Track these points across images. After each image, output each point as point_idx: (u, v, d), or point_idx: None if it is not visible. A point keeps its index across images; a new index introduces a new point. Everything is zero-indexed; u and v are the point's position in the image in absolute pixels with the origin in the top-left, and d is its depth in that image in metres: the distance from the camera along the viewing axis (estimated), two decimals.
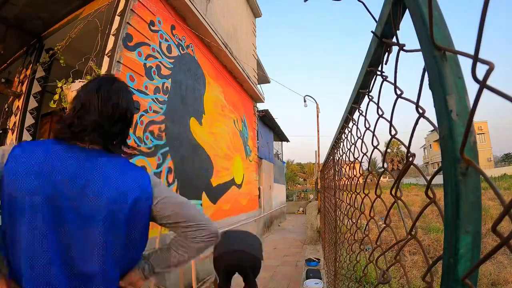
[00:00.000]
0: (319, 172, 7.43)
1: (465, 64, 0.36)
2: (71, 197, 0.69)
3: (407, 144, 0.50)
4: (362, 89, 0.84)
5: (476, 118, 0.33)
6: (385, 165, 0.67)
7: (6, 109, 3.89)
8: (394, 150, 35.92)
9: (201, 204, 3.74)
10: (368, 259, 0.83)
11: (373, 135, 0.75)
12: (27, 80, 3.67)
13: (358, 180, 1.17)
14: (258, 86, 7.98)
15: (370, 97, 0.78)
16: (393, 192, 0.59)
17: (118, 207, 0.72)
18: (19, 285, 0.65)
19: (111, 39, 2.65)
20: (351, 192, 1.29)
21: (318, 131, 9.80)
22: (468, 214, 0.30)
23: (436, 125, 0.35)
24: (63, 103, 2.25)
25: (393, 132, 0.59)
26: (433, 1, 0.35)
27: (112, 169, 0.76)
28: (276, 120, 9.53)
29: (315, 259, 4.22)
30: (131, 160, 0.82)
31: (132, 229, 0.76)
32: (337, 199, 2.10)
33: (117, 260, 0.74)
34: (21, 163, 0.67)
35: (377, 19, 0.61)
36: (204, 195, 4.09)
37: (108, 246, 0.71)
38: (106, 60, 2.60)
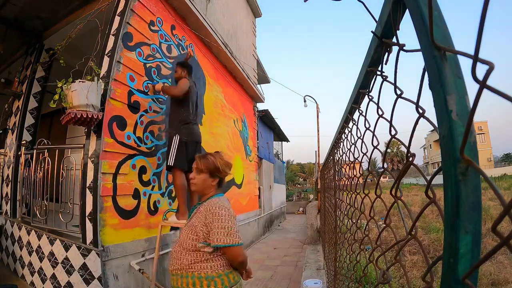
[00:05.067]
0: (319, 172, 7.43)
1: (465, 64, 0.36)
2: None
3: (407, 144, 0.50)
4: (362, 89, 0.84)
5: (476, 118, 0.33)
6: (385, 165, 0.67)
7: (6, 109, 3.89)
8: (394, 150, 35.91)
9: None
10: (368, 259, 0.83)
11: (373, 135, 0.75)
12: (27, 80, 3.67)
13: (358, 180, 1.17)
14: (258, 86, 7.98)
15: (370, 97, 0.78)
16: (393, 192, 0.59)
17: None
18: None
19: (111, 39, 2.65)
20: (351, 192, 1.29)
21: (318, 131, 9.80)
22: (468, 214, 0.30)
23: (436, 125, 0.35)
24: (63, 103, 2.25)
25: (393, 132, 0.59)
26: (433, 1, 0.35)
27: None
28: (276, 120, 9.52)
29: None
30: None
31: None
32: (337, 199, 2.10)
33: None
34: None
35: (377, 19, 0.61)
36: None
37: None
38: (106, 60, 2.60)
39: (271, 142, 10.13)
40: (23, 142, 3.40)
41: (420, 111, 0.44)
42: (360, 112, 0.92)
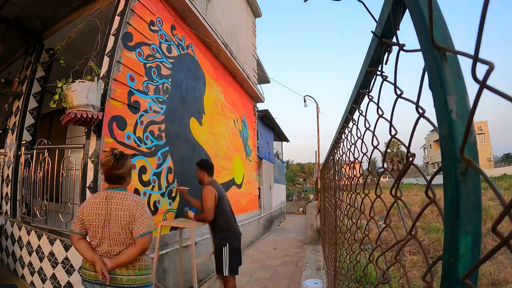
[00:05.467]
0: (319, 172, 7.43)
1: (465, 64, 0.37)
2: None
3: (407, 144, 0.50)
4: (362, 89, 0.84)
5: (476, 118, 0.33)
6: (385, 165, 0.67)
7: (6, 109, 3.89)
8: (394, 150, 35.91)
9: None
10: (368, 259, 0.83)
11: (373, 135, 0.75)
12: (27, 80, 3.67)
13: (358, 180, 1.17)
14: (258, 86, 7.98)
15: (370, 97, 0.78)
16: (393, 192, 0.59)
17: None
18: None
19: (111, 39, 2.65)
20: (351, 192, 1.29)
21: (318, 131, 9.80)
22: (468, 214, 0.30)
23: (436, 125, 0.35)
24: (63, 103, 2.25)
25: (393, 132, 0.59)
26: (433, 1, 0.35)
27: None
28: (276, 120, 9.52)
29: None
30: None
31: None
32: (337, 199, 2.10)
33: None
34: None
35: (377, 19, 0.61)
36: None
37: None
38: (106, 60, 2.60)
39: (271, 142, 10.13)
40: (23, 142, 3.40)
41: (420, 111, 0.44)
42: (360, 112, 0.92)
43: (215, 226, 2.63)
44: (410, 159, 0.49)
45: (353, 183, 1.26)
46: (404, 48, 0.49)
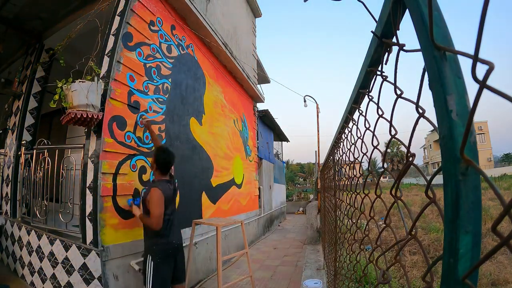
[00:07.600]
0: (319, 172, 7.43)
1: (465, 64, 0.36)
2: None
3: (407, 144, 0.50)
4: (362, 89, 0.84)
5: (476, 118, 0.33)
6: (385, 165, 0.67)
7: (6, 109, 3.89)
8: (394, 150, 35.91)
9: None
10: (368, 259, 0.83)
11: (373, 135, 0.75)
12: (27, 80, 3.67)
13: (358, 180, 1.17)
14: (258, 86, 7.97)
15: (370, 97, 0.78)
16: (393, 192, 0.59)
17: None
18: None
19: (111, 39, 2.64)
20: (351, 192, 1.29)
21: (318, 131, 9.80)
22: (468, 214, 0.30)
23: (436, 125, 0.35)
24: (63, 103, 2.25)
25: (393, 132, 0.59)
26: (433, 1, 0.35)
27: None
28: (276, 120, 9.52)
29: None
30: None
31: None
32: (337, 199, 2.10)
33: None
34: None
35: (377, 19, 0.61)
36: (204, 195, 4.09)
37: None
38: (106, 60, 2.60)
39: (271, 142, 10.13)
40: (23, 142, 3.40)
41: (420, 111, 0.44)
42: (360, 112, 0.92)
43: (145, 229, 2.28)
44: (410, 159, 0.49)
45: (353, 183, 1.26)
46: (404, 48, 0.49)
